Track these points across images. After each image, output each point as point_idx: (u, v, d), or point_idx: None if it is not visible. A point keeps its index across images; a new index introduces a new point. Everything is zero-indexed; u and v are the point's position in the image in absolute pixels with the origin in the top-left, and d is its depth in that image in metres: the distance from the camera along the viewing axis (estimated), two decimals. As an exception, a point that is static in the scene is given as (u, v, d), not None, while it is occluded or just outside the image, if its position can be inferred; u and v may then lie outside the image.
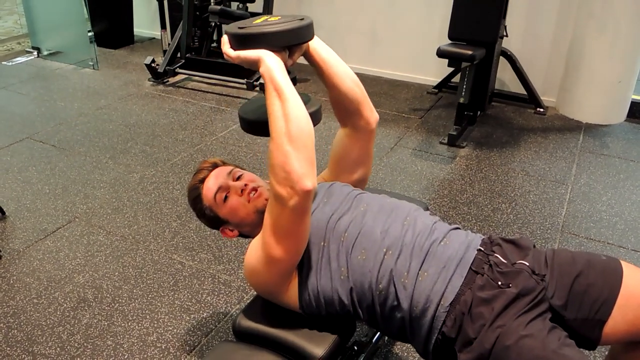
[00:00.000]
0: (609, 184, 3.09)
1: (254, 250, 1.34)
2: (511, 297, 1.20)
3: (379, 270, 1.27)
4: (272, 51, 1.25)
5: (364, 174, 1.61)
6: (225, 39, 1.29)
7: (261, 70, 1.23)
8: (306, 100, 1.35)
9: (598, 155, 3.42)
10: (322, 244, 1.32)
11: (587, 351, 1.35)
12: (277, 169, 1.18)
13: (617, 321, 1.24)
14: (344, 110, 1.51)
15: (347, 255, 1.30)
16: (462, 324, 1.20)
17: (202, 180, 1.49)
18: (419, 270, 1.26)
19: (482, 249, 1.31)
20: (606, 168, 3.26)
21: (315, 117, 1.33)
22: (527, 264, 1.27)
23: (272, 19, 1.30)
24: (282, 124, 1.18)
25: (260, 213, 1.38)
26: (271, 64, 1.22)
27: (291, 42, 1.29)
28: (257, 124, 1.33)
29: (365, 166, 1.60)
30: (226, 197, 1.44)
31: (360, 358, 1.71)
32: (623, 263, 1.31)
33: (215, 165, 1.53)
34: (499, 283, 1.22)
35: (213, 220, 1.49)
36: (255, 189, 1.44)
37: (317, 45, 1.42)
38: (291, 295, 1.35)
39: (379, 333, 1.83)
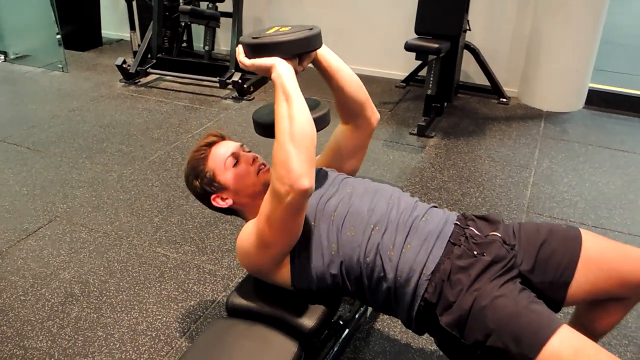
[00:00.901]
0: (570, 167, 3.26)
1: (247, 234, 1.42)
2: (486, 264, 1.31)
3: (367, 244, 1.37)
4: (284, 59, 1.34)
5: (355, 166, 1.73)
6: (240, 48, 1.38)
7: (273, 75, 1.32)
8: (315, 105, 1.47)
9: (558, 141, 3.60)
10: (313, 223, 1.42)
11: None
12: (278, 166, 1.25)
13: (580, 283, 1.37)
14: (348, 111, 1.62)
15: (338, 233, 1.39)
16: (442, 290, 1.30)
17: (210, 145, 1.56)
18: (404, 243, 1.36)
19: (459, 223, 1.43)
20: (566, 152, 3.44)
21: (324, 120, 1.45)
22: (499, 235, 1.40)
23: (283, 29, 1.39)
24: (286, 125, 1.26)
25: (265, 186, 1.46)
26: (282, 70, 1.31)
27: (301, 50, 1.38)
28: (270, 127, 1.41)
29: (358, 159, 1.72)
30: (236, 163, 1.53)
31: (344, 332, 1.81)
32: (582, 230, 1.45)
33: (223, 137, 1.61)
34: (475, 252, 1.34)
35: (208, 185, 1.52)
36: (264, 164, 1.55)
37: (324, 53, 1.51)
38: (283, 273, 1.44)
39: (361, 309, 1.93)
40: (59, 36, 4.84)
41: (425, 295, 1.32)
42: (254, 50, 1.35)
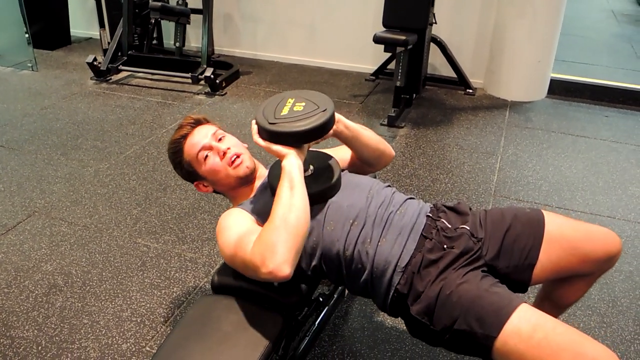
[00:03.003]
0: (534, 152, 3.41)
1: (228, 243, 1.41)
2: (454, 257, 1.39)
3: (346, 239, 1.44)
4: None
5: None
6: (255, 128, 1.42)
7: (284, 163, 1.36)
8: (330, 165, 1.53)
9: (523, 129, 3.75)
10: None
11: (520, 294, 1.56)
12: (265, 244, 1.26)
13: (544, 263, 1.46)
14: (367, 162, 1.69)
15: (319, 228, 1.45)
16: (413, 282, 1.38)
17: (184, 137, 1.59)
18: (380, 237, 1.43)
19: (431, 216, 1.50)
20: (530, 139, 3.59)
21: (335, 189, 1.50)
22: (468, 228, 1.47)
23: (298, 106, 1.41)
24: (285, 211, 1.29)
25: (240, 179, 1.53)
26: (293, 162, 1.36)
27: (315, 139, 1.42)
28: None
29: (363, 173, 1.75)
30: (207, 155, 1.56)
31: (324, 309, 1.90)
32: (544, 212, 1.53)
33: (198, 122, 1.62)
34: (445, 246, 1.41)
35: (190, 174, 1.61)
36: (238, 155, 1.57)
37: (343, 129, 1.55)
38: None
39: (340, 288, 2.02)
40: (27, 35, 4.80)
41: (398, 287, 1.40)
42: (269, 135, 1.38)
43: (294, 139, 1.38)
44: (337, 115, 1.49)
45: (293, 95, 1.47)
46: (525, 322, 1.22)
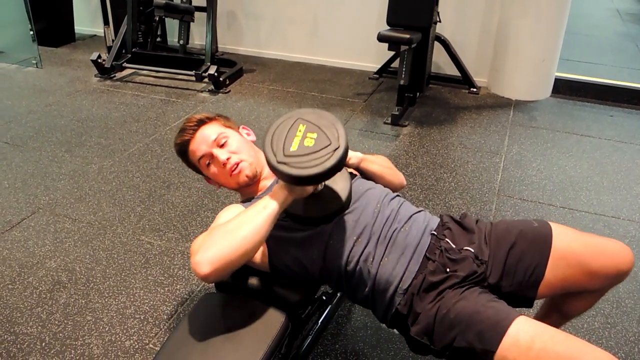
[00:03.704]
0: (538, 152, 3.40)
1: None
2: (455, 280, 1.37)
3: (349, 255, 1.43)
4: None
5: None
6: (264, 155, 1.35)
7: (274, 198, 1.33)
8: (340, 183, 1.46)
9: (527, 128, 3.74)
10: (300, 231, 1.47)
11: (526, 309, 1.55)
12: (207, 239, 1.27)
13: (550, 280, 1.42)
14: None
15: (323, 238, 1.44)
16: (412, 303, 1.37)
17: (187, 143, 1.60)
18: (382, 256, 1.42)
19: (436, 234, 1.47)
20: (535, 139, 3.58)
21: (342, 210, 1.46)
22: (472, 250, 1.44)
23: (309, 139, 1.33)
24: (237, 225, 1.28)
25: (241, 185, 1.55)
26: (284, 203, 1.34)
27: (323, 181, 1.38)
28: (308, 220, 1.46)
29: None
30: (210, 163, 1.57)
31: (327, 308, 1.90)
32: (553, 225, 1.48)
33: (201, 123, 1.61)
34: (447, 270, 1.39)
35: (198, 172, 1.66)
36: (238, 164, 1.55)
37: (365, 165, 1.57)
38: (262, 264, 1.51)
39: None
40: (32, 32, 4.81)
41: (397, 307, 1.40)
42: (276, 172, 1.32)
43: (301, 181, 1.32)
44: (350, 153, 1.46)
45: (305, 120, 1.36)
46: (523, 333, 1.20)
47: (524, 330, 1.21)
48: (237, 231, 1.27)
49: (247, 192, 1.63)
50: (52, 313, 2.10)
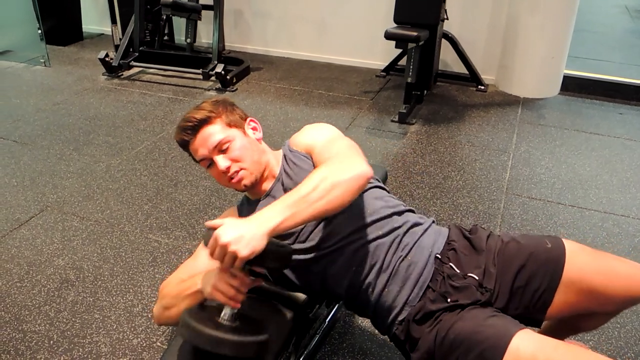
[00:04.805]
0: (546, 150, 3.38)
1: None
2: (455, 308, 1.34)
3: (350, 281, 1.42)
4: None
5: None
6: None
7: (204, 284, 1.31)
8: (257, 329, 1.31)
9: (536, 126, 3.72)
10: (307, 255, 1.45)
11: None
12: (163, 293, 1.44)
13: (559, 305, 1.37)
14: None
15: (324, 264, 1.44)
16: (409, 329, 1.36)
17: (187, 143, 1.53)
18: (384, 287, 1.40)
19: (440, 258, 1.43)
20: (543, 136, 3.56)
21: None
22: (477, 278, 1.38)
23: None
24: (183, 293, 1.37)
25: (241, 191, 1.54)
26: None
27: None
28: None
29: None
30: (210, 165, 1.52)
31: (334, 307, 1.89)
32: (567, 246, 1.41)
33: (202, 124, 1.52)
34: (448, 300, 1.34)
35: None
36: (237, 172, 1.48)
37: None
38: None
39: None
40: (40, 31, 4.83)
41: (396, 332, 1.40)
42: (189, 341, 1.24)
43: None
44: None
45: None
46: (524, 348, 1.18)
47: (524, 345, 1.18)
48: (179, 302, 1.36)
49: (252, 192, 1.61)
50: (60, 311, 2.10)
